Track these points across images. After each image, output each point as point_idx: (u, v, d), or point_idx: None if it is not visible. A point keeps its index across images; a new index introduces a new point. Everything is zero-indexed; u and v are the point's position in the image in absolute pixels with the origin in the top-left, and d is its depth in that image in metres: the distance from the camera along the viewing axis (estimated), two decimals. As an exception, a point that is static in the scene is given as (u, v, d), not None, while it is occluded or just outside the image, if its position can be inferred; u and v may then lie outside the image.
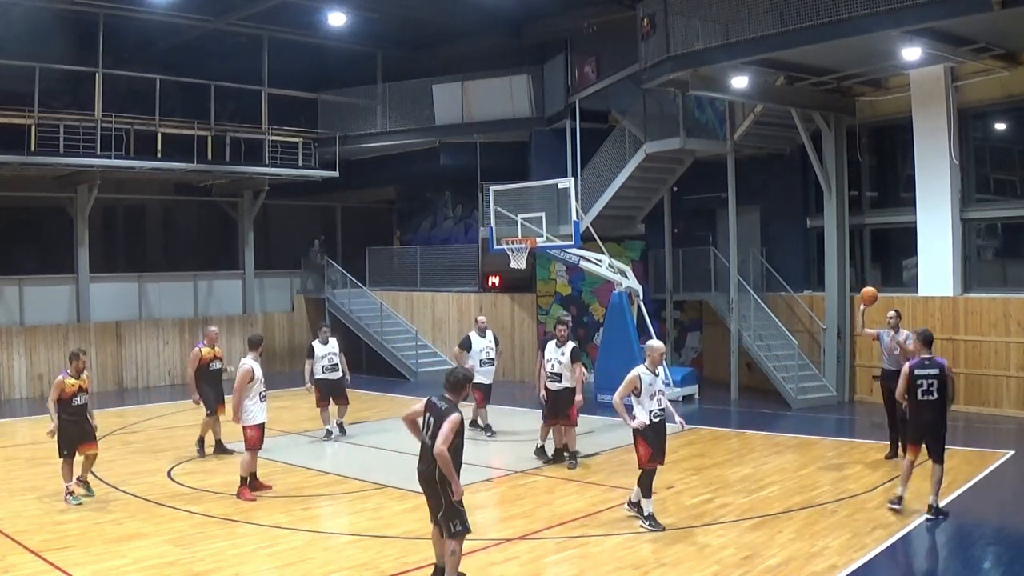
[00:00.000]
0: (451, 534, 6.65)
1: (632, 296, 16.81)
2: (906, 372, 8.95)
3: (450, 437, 6.54)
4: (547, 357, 11.64)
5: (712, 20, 14.06)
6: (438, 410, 6.71)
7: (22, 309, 19.66)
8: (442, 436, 6.52)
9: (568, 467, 11.46)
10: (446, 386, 6.88)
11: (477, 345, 13.65)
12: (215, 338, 12.87)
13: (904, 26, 12.18)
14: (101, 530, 8.81)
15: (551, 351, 11.63)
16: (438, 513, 6.69)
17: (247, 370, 10.15)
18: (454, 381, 6.90)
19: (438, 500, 6.66)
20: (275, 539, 8.52)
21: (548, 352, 11.67)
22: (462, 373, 7.02)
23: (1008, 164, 16.14)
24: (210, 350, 12.57)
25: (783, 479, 10.68)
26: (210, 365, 12.50)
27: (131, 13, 18.96)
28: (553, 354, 11.58)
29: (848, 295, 16.64)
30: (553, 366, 11.52)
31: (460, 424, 6.66)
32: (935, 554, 8.26)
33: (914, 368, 8.90)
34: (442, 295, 22.42)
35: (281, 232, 25.40)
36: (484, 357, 13.59)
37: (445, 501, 6.62)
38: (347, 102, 22.88)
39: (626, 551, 8.06)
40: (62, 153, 18.38)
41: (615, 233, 19.45)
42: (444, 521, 6.65)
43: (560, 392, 11.48)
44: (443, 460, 6.51)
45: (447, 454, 6.51)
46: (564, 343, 11.56)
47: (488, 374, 13.67)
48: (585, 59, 19.72)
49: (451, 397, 6.84)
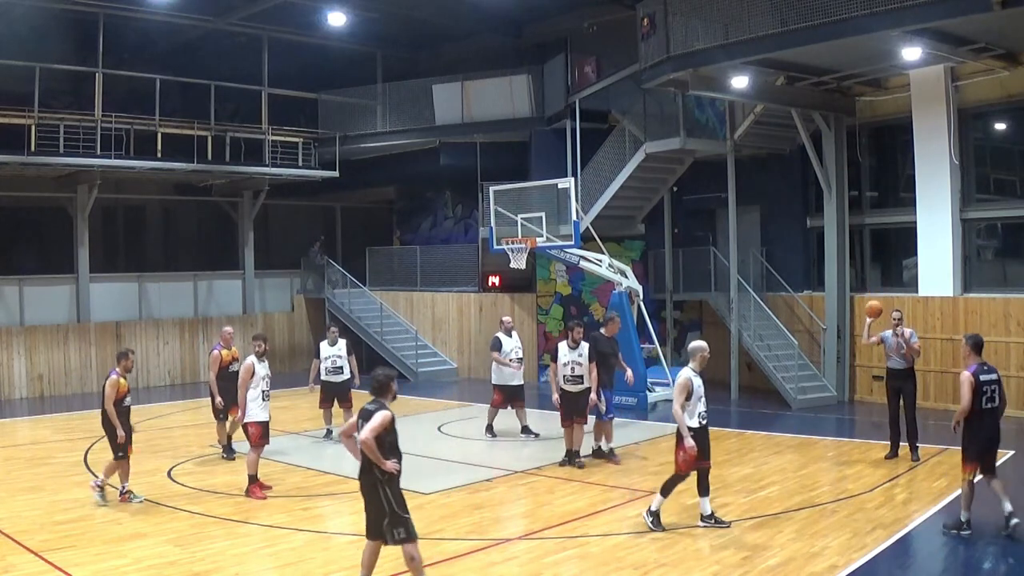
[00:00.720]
0: (395, 540, 6.57)
1: (632, 296, 16.81)
2: (971, 380, 8.14)
3: (378, 428, 6.45)
4: (563, 361, 11.50)
5: (712, 20, 14.05)
6: (369, 414, 6.64)
7: (22, 309, 19.66)
8: (369, 426, 6.45)
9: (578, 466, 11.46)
10: (371, 390, 6.82)
11: (507, 345, 13.55)
12: (230, 339, 12.54)
13: (904, 26, 12.17)
14: (101, 530, 8.81)
15: (566, 354, 11.51)
16: (382, 522, 6.58)
17: (247, 366, 10.42)
18: (377, 385, 6.81)
19: (380, 508, 6.57)
20: (275, 539, 8.52)
21: (562, 356, 11.53)
22: (383, 374, 6.90)
23: (1008, 164, 16.15)
24: (228, 352, 12.29)
25: (783, 479, 10.68)
26: (229, 367, 12.13)
27: (131, 13, 18.98)
28: (570, 357, 11.48)
29: (848, 295, 16.65)
30: (573, 369, 11.43)
31: (390, 420, 6.58)
32: (935, 554, 8.25)
33: (978, 374, 8.17)
34: (442, 295, 22.42)
35: (281, 232, 25.41)
36: (513, 357, 13.51)
37: (389, 509, 6.54)
38: (347, 102, 22.89)
39: (626, 551, 8.05)
40: (62, 153, 18.39)
41: (615, 233, 19.45)
42: (388, 529, 6.55)
43: (581, 393, 11.43)
44: (368, 447, 6.42)
45: (372, 442, 6.41)
46: (578, 344, 11.50)
47: (516, 374, 13.58)
48: (585, 59, 19.73)
49: (379, 399, 6.77)
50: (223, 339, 12.49)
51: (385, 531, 6.60)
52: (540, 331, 20.44)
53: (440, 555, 7.93)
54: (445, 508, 9.65)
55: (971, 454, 8.32)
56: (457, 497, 10.16)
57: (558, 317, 20.32)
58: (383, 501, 6.56)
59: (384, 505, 6.56)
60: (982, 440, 8.29)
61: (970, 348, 8.39)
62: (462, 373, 21.80)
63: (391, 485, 6.60)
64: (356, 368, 13.66)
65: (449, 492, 10.35)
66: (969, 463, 8.32)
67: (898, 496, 9.71)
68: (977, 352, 8.36)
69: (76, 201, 20.02)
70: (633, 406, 15.94)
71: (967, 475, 8.32)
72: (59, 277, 20.27)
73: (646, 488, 10.28)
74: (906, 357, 11.55)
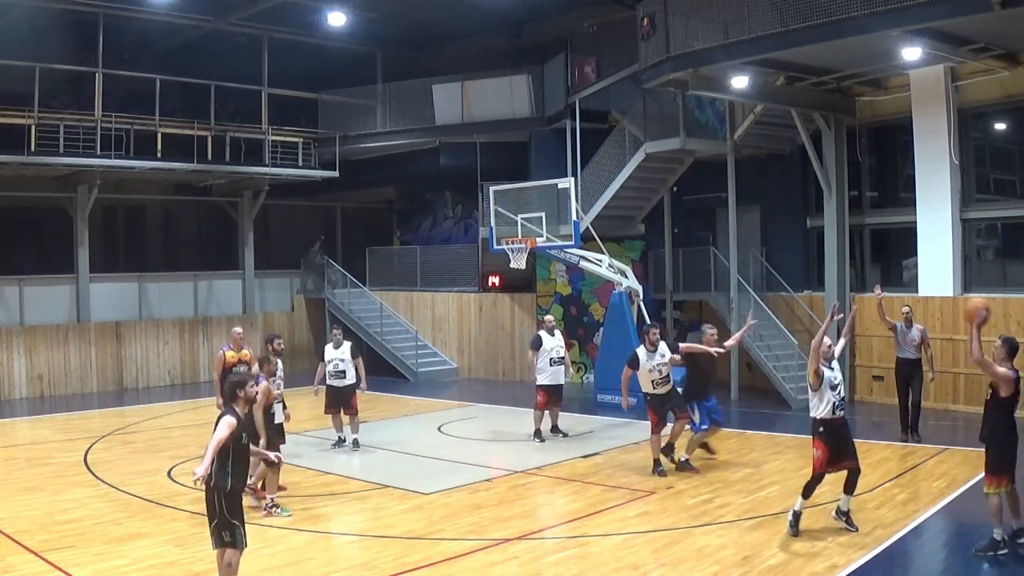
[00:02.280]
0: (222, 544, 6.56)
1: (632, 296, 16.82)
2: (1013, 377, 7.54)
3: (223, 433, 6.47)
4: (647, 367, 11.04)
5: (712, 20, 14.05)
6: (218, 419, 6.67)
7: (22, 309, 19.65)
8: (215, 436, 6.47)
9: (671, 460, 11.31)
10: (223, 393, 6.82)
11: (548, 344, 13.43)
12: (240, 340, 12.11)
13: (904, 26, 12.17)
14: (101, 530, 8.81)
15: (648, 359, 11.07)
16: (211, 523, 6.58)
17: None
18: (227, 390, 6.84)
19: (212, 510, 6.57)
20: (275, 539, 8.51)
21: (646, 362, 11.05)
22: (234, 379, 6.93)
23: (1008, 164, 16.15)
24: (235, 354, 11.86)
25: (783, 479, 10.68)
26: (235, 368, 11.60)
27: (131, 13, 18.97)
28: (655, 361, 11.07)
29: (848, 295, 16.64)
30: (661, 371, 11.09)
31: (235, 425, 6.57)
32: (935, 554, 8.26)
33: (1018, 381, 7.60)
34: (442, 295, 22.42)
35: (281, 232, 25.40)
36: (554, 356, 13.38)
37: (219, 512, 6.53)
38: (347, 102, 22.89)
39: (626, 551, 8.05)
40: (62, 153, 18.39)
41: (615, 233, 19.45)
42: (216, 531, 6.55)
43: (671, 392, 11.26)
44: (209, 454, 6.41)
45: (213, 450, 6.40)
46: (656, 346, 11.16)
47: (557, 375, 13.41)
48: (585, 59, 19.72)
49: (230, 404, 6.76)
50: (233, 340, 12.13)
51: (212, 531, 6.57)
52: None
53: (440, 555, 7.93)
54: (445, 508, 9.65)
55: (1004, 464, 7.60)
56: (457, 497, 10.16)
57: (558, 317, 20.31)
58: (215, 504, 6.54)
59: (216, 507, 6.53)
60: (1012, 448, 7.65)
61: (1006, 352, 7.65)
62: (462, 373, 21.79)
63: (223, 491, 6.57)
64: (363, 371, 13.03)
65: (449, 492, 10.35)
66: (1002, 474, 7.58)
67: (898, 496, 9.70)
68: (1011, 356, 7.65)
69: (76, 201, 20.01)
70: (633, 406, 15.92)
71: (1002, 488, 7.57)
72: (59, 277, 20.26)
73: (646, 488, 10.30)
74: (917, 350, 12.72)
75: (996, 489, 7.58)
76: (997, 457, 7.61)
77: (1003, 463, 7.59)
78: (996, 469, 7.61)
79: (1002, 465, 7.59)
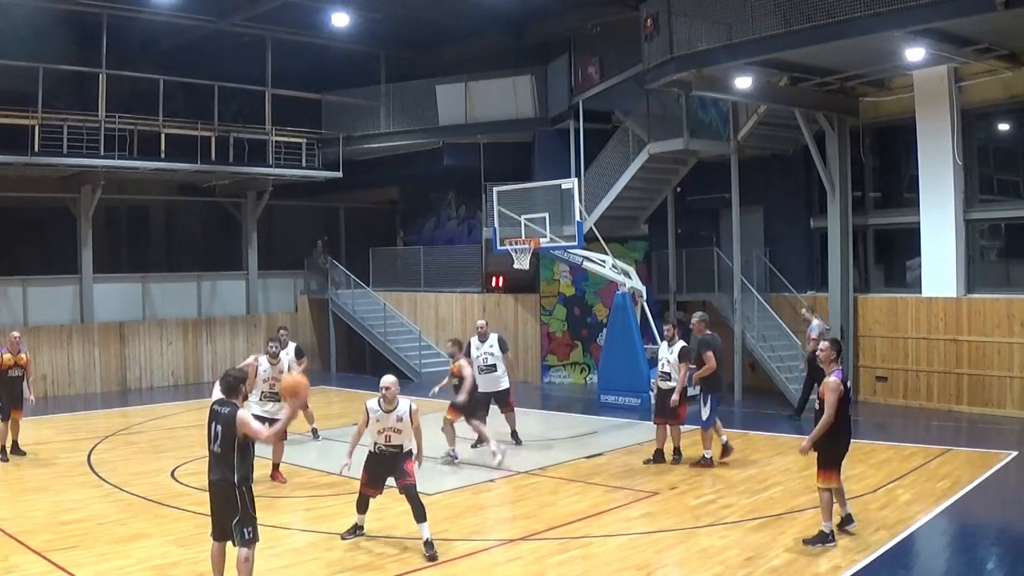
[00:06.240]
0: (244, 541, 6.58)
1: (636, 297, 16.81)
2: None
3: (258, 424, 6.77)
4: (659, 357, 11.66)
5: (715, 20, 14.04)
6: (222, 416, 6.64)
7: (25, 309, 19.68)
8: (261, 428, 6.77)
9: (672, 462, 11.49)
10: (221, 389, 6.83)
11: (474, 351, 12.56)
12: (17, 343, 12.44)
13: (907, 27, 12.16)
14: (105, 530, 8.82)
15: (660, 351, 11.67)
16: (232, 520, 6.57)
17: (252, 365, 11.08)
18: (225, 386, 6.84)
19: (234, 507, 6.57)
20: (278, 539, 8.51)
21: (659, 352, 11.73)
22: (233, 374, 6.95)
23: (1011, 164, 16.12)
24: (11, 357, 12.27)
25: (786, 480, 10.67)
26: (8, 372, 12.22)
27: (134, 13, 19.02)
28: (663, 354, 11.55)
29: (852, 296, 16.62)
30: (663, 365, 11.50)
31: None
32: (938, 555, 8.25)
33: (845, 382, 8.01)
34: (445, 296, 22.42)
35: (284, 233, 25.43)
36: (482, 364, 12.44)
37: (242, 508, 6.56)
38: (350, 103, 22.91)
39: (629, 552, 8.05)
40: (66, 154, 18.42)
41: (618, 234, 19.45)
42: (238, 528, 6.55)
43: (670, 391, 11.38)
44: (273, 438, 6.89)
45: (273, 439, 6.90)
46: (674, 342, 11.49)
47: (486, 383, 12.41)
48: (588, 60, 19.73)
49: (230, 400, 6.77)
50: (10, 343, 12.47)
51: (233, 529, 6.59)
52: (543, 332, 20.43)
53: (444, 555, 7.93)
54: (449, 509, 9.64)
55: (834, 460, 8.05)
56: (461, 498, 10.17)
57: (561, 318, 20.33)
58: (237, 500, 6.57)
59: (238, 503, 6.57)
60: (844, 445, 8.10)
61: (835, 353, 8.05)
62: (465, 373, 21.75)
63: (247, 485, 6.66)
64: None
65: (453, 492, 10.36)
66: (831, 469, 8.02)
67: (901, 497, 9.69)
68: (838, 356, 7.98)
69: (79, 202, 20.04)
70: (636, 406, 15.95)
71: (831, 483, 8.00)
72: (63, 277, 20.29)
73: (649, 489, 10.29)
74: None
75: (828, 484, 8.03)
76: (828, 452, 8.07)
77: (833, 459, 8.06)
78: (827, 464, 8.05)
79: (831, 460, 8.06)
